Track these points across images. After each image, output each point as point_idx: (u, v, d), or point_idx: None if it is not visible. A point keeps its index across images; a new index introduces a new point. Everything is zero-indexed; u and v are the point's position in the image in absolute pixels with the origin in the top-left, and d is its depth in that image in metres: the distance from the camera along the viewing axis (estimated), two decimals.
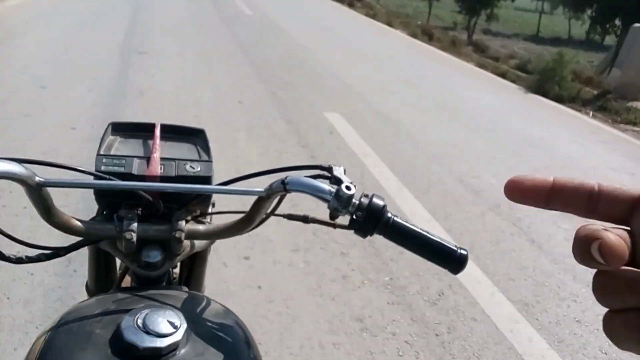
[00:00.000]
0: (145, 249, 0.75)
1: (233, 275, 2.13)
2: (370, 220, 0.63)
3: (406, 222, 0.65)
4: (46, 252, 0.70)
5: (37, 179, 0.61)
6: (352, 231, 0.66)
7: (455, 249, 0.65)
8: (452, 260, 0.64)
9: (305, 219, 0.78)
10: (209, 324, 0.66)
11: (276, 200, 0.74)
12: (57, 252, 0.71)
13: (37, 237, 1.79)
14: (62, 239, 0.74)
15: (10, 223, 2.18)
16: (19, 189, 0.61)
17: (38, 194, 0.62)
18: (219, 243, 0.91)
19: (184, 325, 0.60)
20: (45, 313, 1.74)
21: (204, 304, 0.70)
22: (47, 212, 0.66)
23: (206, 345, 0.61)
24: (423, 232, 0.65)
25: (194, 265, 0.97)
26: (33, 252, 0.69)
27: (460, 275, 2.05)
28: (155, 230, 0.74)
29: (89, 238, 0.73)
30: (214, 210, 0.90)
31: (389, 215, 0.64)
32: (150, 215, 0.75)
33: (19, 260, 0.67)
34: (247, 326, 0.71)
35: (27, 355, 0.60)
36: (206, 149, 0.84)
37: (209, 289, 1.02)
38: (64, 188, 0.63)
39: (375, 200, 0.64)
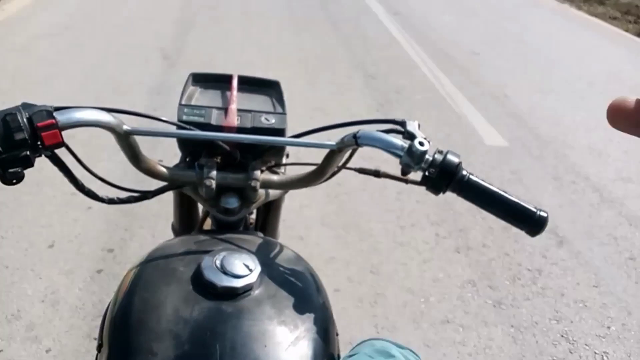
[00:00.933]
0: (224, 195, 0.79)
1: None
2: (444, 177, 0.61)
3: (482, 180, 0.63)
4: (135, 194, 0.76)
5: (124, 127, 0.65)
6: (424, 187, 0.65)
7: (534, 210, 0.62)
8: (531, 222, 0.62)
9: (376, 173, 0.78)
10: (281, 268, 0.69)
11: (348, 153, 0.74)
12: (145, 195, 0.77)
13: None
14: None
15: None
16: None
17: (126, 141, 0.67)
18: None
19: (258, 269, 0.64)
20: None
21: (277, 249, 0.74)
22: (135, 158, 0.71)
23: (278, 288, 0.64)
24: (500, 192, 0.63)
25: (269, 213, 1.01)
26: (123, 194, 0.75)
27: None
28: (233, 178, 0.77)
29: (173, 183, 0.79)
30: (289, 160, 0.92)
31: (464, 172, 0.62)
32: (228, 163, 0.78)
33: (111, 201, 0.73)
34: None
35: (118, 287, 0.68)
36: (280, 101, 0.85)
37: None
38: (149, 136, 0.67)
39: (449, 156, 0.62)
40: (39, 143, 0.55)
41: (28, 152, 0.54)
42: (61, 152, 0.62)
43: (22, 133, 0.53)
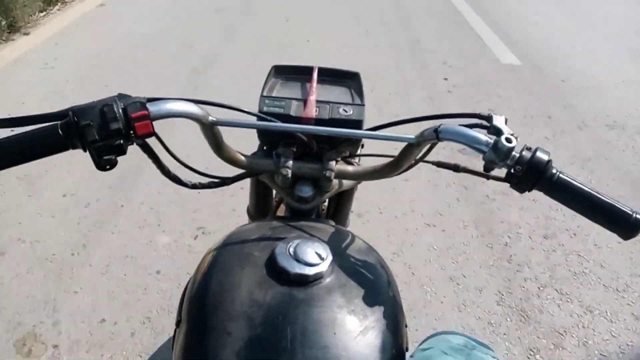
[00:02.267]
0: (298, 183, 0.81)
1: None
2: (531, 175, 0.58)
3: (574, 179, 0.59)
4: (215, 180, 0.79)
5: (210, 118, 0.68)
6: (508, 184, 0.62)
7: (630, 212, 0.57)
8: (625, 225, 0.57)
9: (456, 168, 0.75)
10: (352, 259, 0.70)
11: (426, 147, 0.72)
12: (224, 181, 0.80)
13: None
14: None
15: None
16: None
17: (211, 131, 0.70)
18: None
19: (330, 258, 0.64)
20: None
21: (349, 239, 0.74)
22: (218, 147, 0.74)
23: (348, 278, 0.65)
24: (593, 192, 0.58)
25: (341, 202, 1.02)
26: (205, 180, 0.79)
27: None
28: (308, 168, 0.78)
29: (251, 171, 0.81)
30: (363, 151, 0.91)
31: (554, 171, 0.58)
32: (305, 153, 0.79)
33: (194, 186, 0.77)
34: None
35: (197, 268, 0.71)
36: (359, 92, 0.85)
37: None
38: (232, 127, 0.69)
39: (539, 154, 0.58)
40: (131, 132, 0.59)
41: (122, 141, 0.58)
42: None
43: (117, 123, 0.57)
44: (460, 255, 1.99)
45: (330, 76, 0.88)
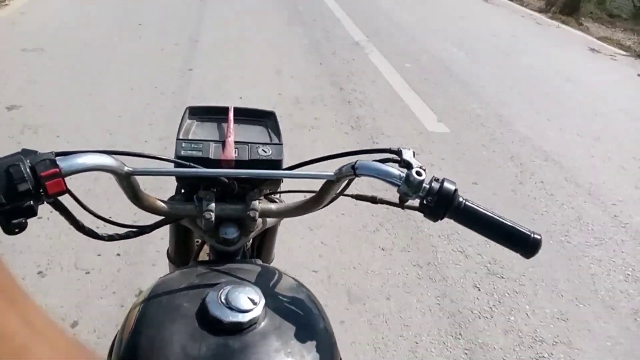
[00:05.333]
0: (222, 225, 0.80)
1: None
2: (441, 205, 0.63)
3: (478, 206, 0.65)
4: (134, 229, 0.76)
5: (126, 169, 0.66)
6: (422, 214, 0.67)
7: (528, 233, 0.64)
8: (525, 245, 0.64)
9: (373, 200, 0.79)
10: (284, 298, 0.70)
11: (345, 182, 0.75)
12: (143, 230, 0.77)
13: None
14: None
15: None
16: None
17: (127, 182, 0.68)
18: None
19: (263, 301, 0.64)
20: None
21: (278, 277, 0.75)
22: (135, 196, 0.71)
23: (282, 319, 0.65)
24: (495, 216, 0.65)
25: (265, 238, 1.02)
26: (122, 231, 0.76)
27: None
28: (231, 209, 0.78)
29: (172, 217, 0.79)
30: (284, 186, 0.93)
31: (460, 199, 0.64)
32: (226, 194, 0.79)
33: (110, 238, 0.74)
34: None
35: (123, 324, 0.67)
36: (276, 130, 0.86)
37: None
38: (149, 176, 0.67)
39: (446, 184, 0.64)
40: (42, 192, 0.55)
41: (32, 202, 0.54)
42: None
43: (26, 184, 0.53)
44: None
45: (246, 115, 0.89)
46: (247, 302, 0.63)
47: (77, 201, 0.66)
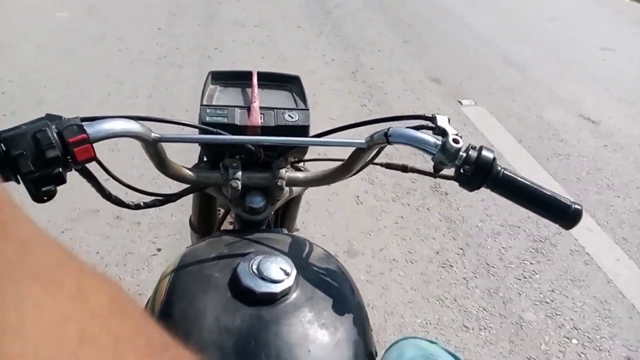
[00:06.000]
0: (249, 194, 0.78)
1: None
2: (479, 174, 0.61)
3: (517, 175, 0.62)
4: (160, 198, 0.75)
5: (152, 135, 0.64)
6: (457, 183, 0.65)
7: (569, 203, 0.62)
8: (566, 216, 0.62)
9: (404, 169, 0.77)
10: (315, 269, 0.69)
11: (375, 150, 0.73)
12: (169, 198, 0.76)
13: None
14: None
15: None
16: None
17: (154, 148, 0.66)
18: None
19: (294, 272, 0.63)
20: None
21: (308, 248, 0.73)
22: (162, 164, 0.70)
23: (314, 290, 0.64)
24: (535, 186, 0.62)
25: (289, 208, 1.01)
26: (148, 199, 0.75)
27: None
28: (258, 178, 0.76)
29: (197, 185, 0.78)
30: (311, 153, 0.91)
31: (499, 168, 0.62)
32: (252, 162, 0.77)
33: (137, 207, 0.73)
34: None
35: (153, 295, 0.67)
36: (302, 96, 0.83)
37: None
38: (176, 143, 0.66)
39: (484, 153, 0.61)
40: (70, 159, 0.54)
41: (61, 169, 0.53)
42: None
43: (55, 150, 0.51)
44: None
45: (270, 80, 0.86)
46: (279, 272, 0.62)
47: (104, 169, 0.64)
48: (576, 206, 0.61)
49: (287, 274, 0.62)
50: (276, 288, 0.60)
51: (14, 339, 0.16)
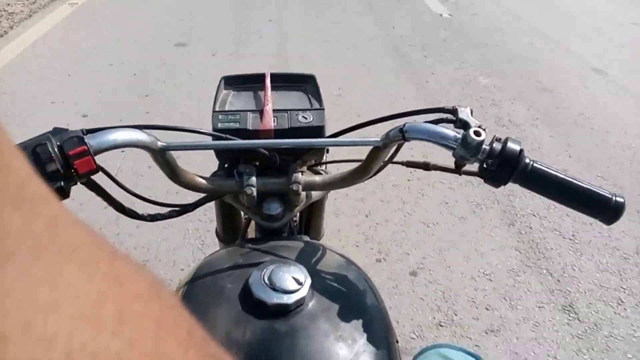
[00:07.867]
0: (266, 201, 0.76)
1: None
2: (505, 168, 0.56)
3: (548, 167, 0.57)
4: (176, 209, 0.74)
5: (159, 144, 0.62)
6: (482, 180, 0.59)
7: (609, 196, 0.55)
8: (606, 211, 0.55)
9: (426, 166, 0.72)
10: (331, 276, 0.65)
11: (394, 148, 0.69)
12: (186, 209, 0.74)
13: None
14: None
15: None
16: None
17: (162, 157, 0.65)
18: None
19: (309, 281, 0.60)
20: None
21: (325, 255, 0.70)
22: (173, 173, 0.68)
23: (330, 299, 0.60)
24: (569, 179, 0.56)
25: (312, 213, 0.97)
26: (164, 210, 0.73)
27: None
28: (274, 183, 0.74)
29: (213, 194, 0.76)
30: (328, 156, 0.87)
31: (527, 161, 0.56)
32: (268, 167, 0.75)
33: (153, 218, 0.71)
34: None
35: None
36: (317, 95, 0.80)
37: None
38: (186, 151, 0.64)
39: (510, 144, 0.56)
40: (73, 171, 0.53)
41: (62, 183, 0.52)
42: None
43: (54, 164, 0.51)
44: None
45: (284, 81, 0.84)
46: (292, 282, 0.59)
47: (113, 180, 0.63)
48: (617, 199, 0.55)
49: (301, 284, 0.59)
50: (289, 299, 0.57)
51: (48, 316, 0.14)
